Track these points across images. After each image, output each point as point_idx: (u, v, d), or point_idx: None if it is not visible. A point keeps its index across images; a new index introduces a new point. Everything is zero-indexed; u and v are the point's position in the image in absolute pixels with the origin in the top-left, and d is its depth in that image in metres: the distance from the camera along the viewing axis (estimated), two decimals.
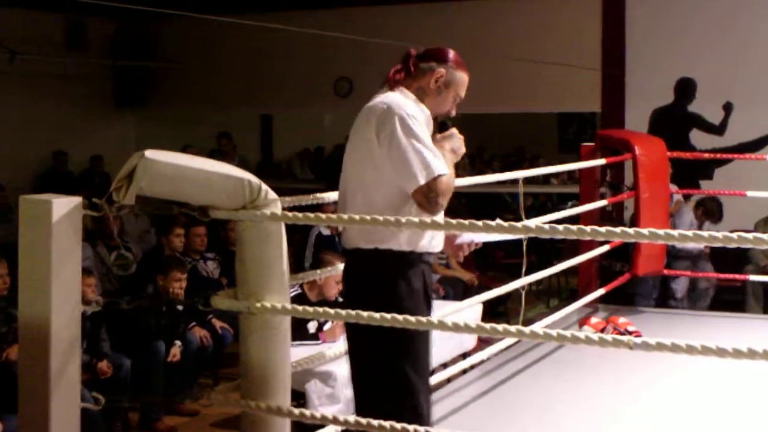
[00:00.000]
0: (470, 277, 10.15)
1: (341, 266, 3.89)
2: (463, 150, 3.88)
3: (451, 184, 3.64)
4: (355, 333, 3.76)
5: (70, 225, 3.22)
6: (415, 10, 13.07)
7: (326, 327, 6.48)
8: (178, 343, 7.58)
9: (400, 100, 3.70)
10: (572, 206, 8.49)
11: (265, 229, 3.51)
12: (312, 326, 6.41)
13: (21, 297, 3.25)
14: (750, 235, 2.81)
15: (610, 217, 10.82)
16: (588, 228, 2.96)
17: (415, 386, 3.68)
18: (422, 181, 3.55)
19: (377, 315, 3.23)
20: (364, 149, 3.68)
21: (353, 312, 3.31)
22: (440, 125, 3.89)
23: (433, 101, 3.84)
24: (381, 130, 3.61)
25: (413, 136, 3.58)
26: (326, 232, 9.71)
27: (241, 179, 3.45)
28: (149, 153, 3.25)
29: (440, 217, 3.70)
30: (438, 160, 3.60)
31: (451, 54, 3.89)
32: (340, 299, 6.98)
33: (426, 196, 3.57)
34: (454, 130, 3.89)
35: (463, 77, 3.89)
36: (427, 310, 3.77)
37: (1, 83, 13.31)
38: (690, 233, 2.91)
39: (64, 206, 3.20)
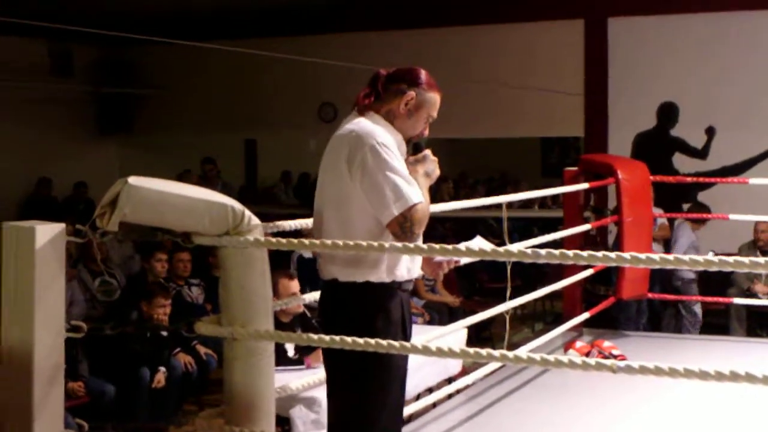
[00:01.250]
0: (454, 300, 10.19)
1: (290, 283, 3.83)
2: (437, 173, 3.77)
3: (426, 212, 3.56)
4: (331, 365, 3.74)
5: (54, 251, 3.22)
6: (399, 36, 13.12)
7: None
8: (162, 369, 7.56)
9: (370, 128, 3.61)
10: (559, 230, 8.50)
11: (249, 255, 3.51)
12: (291, 349, 6.39)
13: (3, 323, 3.25)
14: (731, 259, 2.83)
15: (594, 241, 10.84)
16: (571, 252, 2.97)
17: (383, 420, 3.65)
18: (396, 212, 3.47)
19: (361, 340, 3.23)
20: (336, 180, 3.61)
21: (337, 338, 3.31)
22: (414, 147, 3.77)
23: (403, 124, 3.73)
24: (352, 160, 3.54)
25: (385, 165, 3.50)
26: (307, 255, 9.70)
27: (224, 205, 3.46)
28: (132, 180, 3.25)
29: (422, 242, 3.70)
30: (412, 188, 3.52)
31: (422, 74, 3.78)
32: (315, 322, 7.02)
33: (401, 226, 3.48)
34: (427, 152, 3.78)
35: (434, 98, 3.78)
36: (406, 339, 3.68)
37: None
38: (671, 257, 2.93)
39: (47, 233, 3.20)
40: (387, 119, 3.72)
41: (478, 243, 3.92)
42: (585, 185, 8.14)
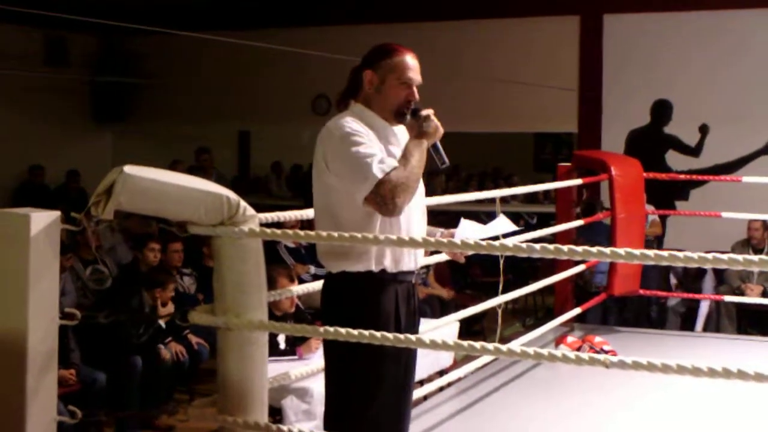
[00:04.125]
0: (447, 292, 10.22)
1: (289, 285, 3.83)
2: (435, 125, 3.68)
3: (400, 180, 3.50)
4: (326, 355, 3.76)
5: (48, 239, 3.22)
6: (393, 30, 13.08)
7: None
8: (162, 347, 7.58)
9: (340, 120, 3.64)
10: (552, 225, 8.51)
11: (243, 245, 3.52)
12: (281, 341, 6.40)
13: None
14: (725, 256, 2.84)
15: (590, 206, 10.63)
16: (565, 247, 2.98)
17: (375, 410, 3.67)
18: (365, 191, 3.49)
19: (355, 332, 3.24)
20: (319, 174, 3.66)
21: (331, 329, 3.32)
22: (412, 112, 3.71)
23: (378, 102, 3.73)
24: (326, 154, 3.60)
25: (351, 150, 3.52)
26: (290, 243, 9.71)
27: (219, 195, 3.46)
28: (128, 168, 3.25)
29: (418, 235, 3.71)
30: (380, 164, 3.50)
31: (378, 48, 3.80)
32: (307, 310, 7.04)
33: (376, 203, 3.49)
34: (428, 111, 3.71)
35: (396, 61, 3.74)
36: (400, 331, 3.62)
37: None
38: (665, 254, 2.94)
39: (42, 220, 3.20)
40: (367, 105, 3.74)
41: (468, 226, 3.92)
42: (578, 181, 8.16)
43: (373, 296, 3.65)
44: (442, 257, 4.24)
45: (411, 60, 3.77)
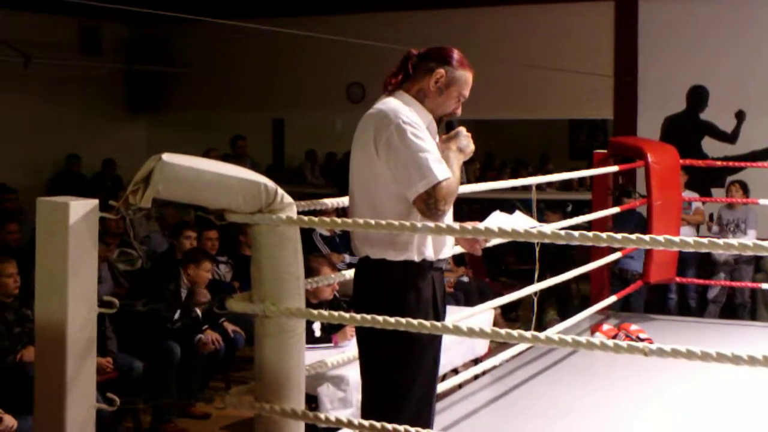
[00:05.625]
0: (466, 272, 10.21)
1: (330, 274, 3.84)
2: (471, 147, 3.79)
3: (452, 188, 3.56)
4: (363, 343, 3.77)
5: (87, 227, 3.23)
6: (429, 17, 13.08)
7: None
8: (202, 337, 7.62)
9: (397, 106, 3.63)
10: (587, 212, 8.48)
11: (281, 233, 3.52)
12: (317, 329, 6.41)
13: (37, 298, 3.27)
14: (751, 242, 2.81)
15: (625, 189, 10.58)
16: (604, 234, 2.97)
17: (415, 397, 3.68)
18: (421, 189, 3.49)
19: (392, 319, 3.24)
20: (365, 159, 3.64)
21: (368, 316, 3.32)
22: (447, 125, 3.81)
23: (434, 102, 3.74)
24: (378, 139, 3.56)
25: (410, 143, 3.52)
26: (325, 232, 9.73)
27: (257, 183, 3.46)
28: (166, 156, 3.25)
29: (451, 221, 3.71)
30: (438, 164, 3.53)
31: (452, 53, 3.78)
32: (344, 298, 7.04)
33: (426, 203, 3.50)
34: (461, 129, 3.81)
35: (465, 76, 3.77)
36: (438, 317, 3.72)
37: (16, 87, 13.37)
38: (704, 240, 2.92)
39: (80, 208, 3.21)
40: (417, 98, 3.73)
41: (497, 217, 3.93)
42: (614, 168, 8.12)
43: (414, 284, 3.65)
44: (457, 249, 4.22)
45: (471, 78, 3.82)
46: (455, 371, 6.75)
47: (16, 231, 8.92)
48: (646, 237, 2.91)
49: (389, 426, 3.22)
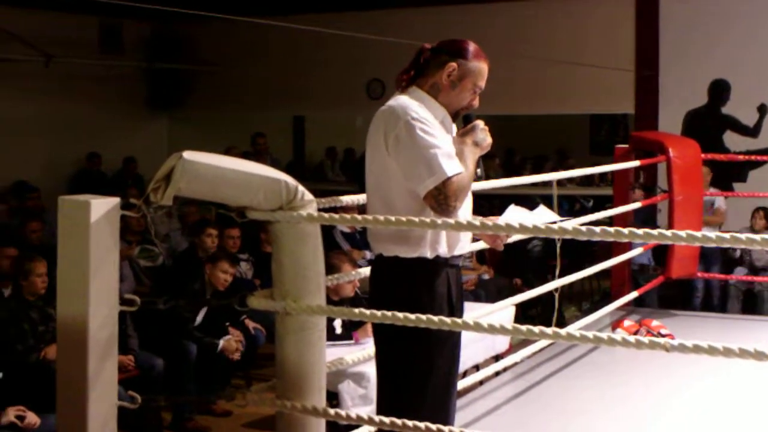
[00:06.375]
0: (486, 270, 10.19)
1: (351, 270, 3.83)
2: (489, 141, 3.73)
3: (463, 184, 3.52)
4: (378, 340, 3.76)
5: (108, 225, 3.23)
6: (448, 12, 13.06)
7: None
8: (223, 340, 7.60)
9: (407, 103, 3.59)
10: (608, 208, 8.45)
11: (302, 230, 3.51)
12: (338, 326, 6.42)
13: (59, 297, 3.27)
14: (758, 237, 2.79)
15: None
16: (625, 230, 2.95)
17: (430, 394, 3.66)
18: (431, 185, 3.47)
19: (412, 316, 3.23)
20: (377, 157, 3.62)
21: (389, 313, 3.32)
22: (464, 119, 3.74)
23: (448, 96, 3.70)
24: (388, 136, 3.54)
25: (420, 139, 3.49)
26: (346, 229, 9.74)
27: (278, 180, 3.46)
28: (188, 154, 3.25)
29: (469, 217, 3.70)
30: (449, 160, 3.50)
31: (465, 45, 3.73)
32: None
33: (436, 199, 3.47)
34: (478, 122, 3.74)
35: (479, 67, 3.71)
36: (453, 314, 3.67)
37: (37, 86, 13.44)
38: (727, 236, 2.89)
39: (102, 207, 3.21)
40: (431, 93, 3.70)
41: (514, 211, 3.90)
42: (636, 163, 8.08)
43: (427, 281, 3.63)
44: (480, 245, 4.21)
45: (487, 69, 3.76)
46: (476, 368, 6.74)
47: (39, 229, 8.98)
48: (668, 232, 2.89)
49: (410, 423, 3.22)
